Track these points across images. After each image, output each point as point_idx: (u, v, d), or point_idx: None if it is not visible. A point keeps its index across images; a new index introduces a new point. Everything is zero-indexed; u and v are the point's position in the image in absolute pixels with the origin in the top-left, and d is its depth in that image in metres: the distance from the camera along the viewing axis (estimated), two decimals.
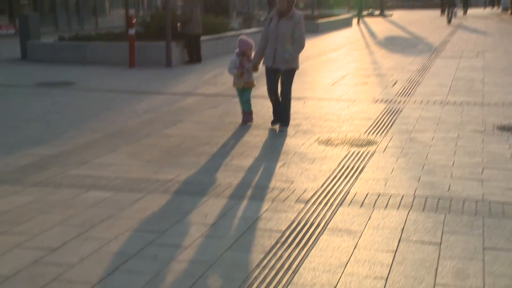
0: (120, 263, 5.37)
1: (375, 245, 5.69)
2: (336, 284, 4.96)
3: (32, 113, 12.04)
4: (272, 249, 5.62)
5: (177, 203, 6.82)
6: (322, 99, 13.18)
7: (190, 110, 12.20)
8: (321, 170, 8.01)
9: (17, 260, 5.46)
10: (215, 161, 8.48)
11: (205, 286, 4.94)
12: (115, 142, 9.60)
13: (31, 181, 7.68)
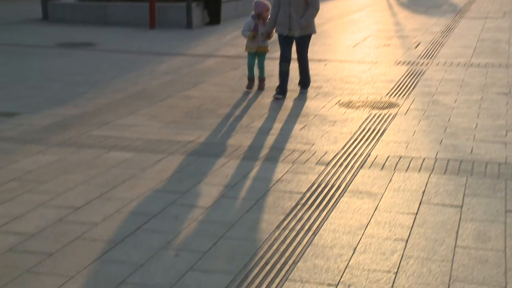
0: (142, 223, 5.43)
1: (395, 208, 5.71)
2: (356, 246, 4.99)
3: (54, 73, 12.08)
4: (292, 211, 5.66)
5: (198, 164, 6.86)
6: (343, 61, 13.10)
7: (210, 71, 12.18)
8: (342, 132, 8.01)
9: (42, 218, 5.55)
10: (236, 122, 8.49)
11: (225, 246, 5.00)
12: (136, 103, 9.63)
13: (54, 141, 7.75)
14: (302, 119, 8.64)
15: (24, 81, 11.28)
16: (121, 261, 4.78)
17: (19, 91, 10.46)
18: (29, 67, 12.71)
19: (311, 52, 13.90)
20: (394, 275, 4.56)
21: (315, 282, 4.46)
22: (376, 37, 16.50)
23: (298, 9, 9.61)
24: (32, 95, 10.21)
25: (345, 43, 15.66)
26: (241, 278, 4.52)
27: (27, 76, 11.81)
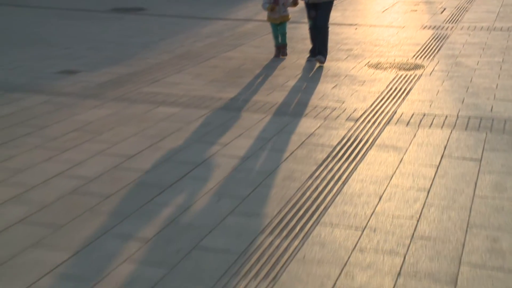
0: (188, 171, 5.50)
1: (419, 160, 5.70)
2: (382, 194, 5.01)
3: (109, 36, 12.13)
4: (323, 162, 5.68)
5: (238, 119, 6.89)
6: (373, 26, 12.94)
7: (250, 34, 12.13)
8: (370, 91, 7.97)
9: (100, 164, 5.66)
10: (273, 81, 8.49)
11: (263, 193, 5.05)
12: (182, 63, 9.66)
13: (110, 96, 7.83)
14: (333, 79, 8.60)
15: (83, 43, 11.35)
16: (170, 204, 4.87)
17: (79, 52, 10.55)
18: (88, 30, 12.77)
19: (343, 17, 13.85)
20: (416, 221, 4.58)
21: (343, 226, 4.51)
22: (404, 3, 16.21)
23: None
24: (90, 55, 10.28)
25: (374, 8, 15.43)
26: (277, 221, 4.57)
27: (86, 38, 11.88)
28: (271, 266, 3.99)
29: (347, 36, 11.66)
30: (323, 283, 3.81)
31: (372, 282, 3.82)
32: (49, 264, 4.03)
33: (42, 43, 11.26)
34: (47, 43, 11.32)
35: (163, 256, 4.12)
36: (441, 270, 3.95)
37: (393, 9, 15.19)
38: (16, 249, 4.22)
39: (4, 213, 4.73)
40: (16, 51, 10.53)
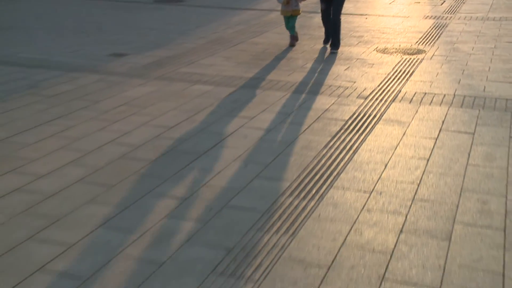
0: (219, 140, 5.50)
1: (420, 133, 5.65)
2: (387, 162, 4.98)
3: (152, 23, 12.12)
4: (337, 134, 5.65)
5: (262, 96, 6.87)
6: (381, 16, 12.79)
7: (273, 23, 12.04)
8: (378, 73, 7.89)
9: (144, 134, 5.68)
10: (293, 64, 8.43)
11: (284, 160, 5.04)
12: (215, 47, 9.62)
13: (152, 75, 7.83)
14: (346, 62, 8.53)
15: (130, 30, 11.36)
16: (203, 168, 4.88)
17: (126, 37, 10.56)
18: (134, 19, 12.78)
19: (355, 8, 13.69)
20: (416, 186, 4.55)
21: (353, 189, 4.49)
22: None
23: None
24: (136, 40, 10.29)
25: (383, 0, 15.23)
26: (296, 185, 4.57)
27: (132, 25, 11.89)
28: (291, 223, 3.99)
29: (358, 24, 11.54)
30: (335, 238, 3.81)
31: (378, 238, 3.81)
32: (102, 217, 4.07)
33: (97, 30, 11.29)
34: (100, 29, 11.34)
35: (198, 213, 4.14)
36: (437, 228, 3.93)
37: (399, 1, 15.01)
38: (75, 204, 4.26)
39: (65, 174, 4.78)
40: (74, 37, 10.56)
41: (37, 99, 6.82)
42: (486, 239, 3.80)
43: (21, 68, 8.22)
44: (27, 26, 11.60)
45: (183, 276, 3.40)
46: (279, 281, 3.36)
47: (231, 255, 3.61)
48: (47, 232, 3.88)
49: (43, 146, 5.39)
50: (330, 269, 3.47)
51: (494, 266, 3.51)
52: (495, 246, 3.73)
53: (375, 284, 3.33)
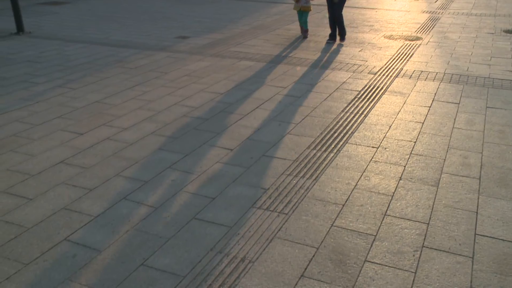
0: (259, 104, 5.41)
1: (417, 102, 5.46)
2: (391, 124, 4.83)
3: (207, 13, 11.94)
4: (351, 101, 5.50)
5: (293, 71, 6.72)
6: (388, 10, 12.33)
7: None
8: (385, 54, 7.62)
9: (201, 98, 5.61)
10: (318, 46, 8.21)
11: (309, 121, 4.94)
12: (257, 32, 9.43)
13: (208, 53, 7.72)
14: (360, 45, 8.26)
15: (191, 18, 11.22)
16: (246, 126, 4.81)
17: (188, 24, 10.42)
18: (192, 9, 12.60)
19: (367, 3, 13.22)
20: (413, 143, 4.41)
21: (364, 145, 4.37)
22: None
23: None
24: (195, 26, 10.15)
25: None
26: (319, 140, 4.47)
27: (192, 15, 11.73)
28: (314, 169, 3.91)
29: (369, 16, 11.15)
30: (349, 183, 3.72)
31: (382, 183, 3.71)
32: (169, 161, 4.05)
33: (166, 18, 11.18)
34: (169, 18, 11.23)
35: (241, 160, 4.09)
36: (428, 176, 3.81)
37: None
38: (149, 150, 4.26)
39: (141, 128, 4.77)
40: (150, 24, 10.49)
41: (122, 70, 6.81)
42: (465, 186, 3.68)
43: (112, 47, 8.21)
44: (116, 16, 11.56)
45: (229, 208, 3.37)
46: (304, 214, 3.30)
47: (267, 193, 3.57)
48: (129, 171, 3.89)
49: (126, 106, 5.39)
50: (344, 206, 3.40)
51: (470, 206, 3.41)
52: (472, 191, 3.61)
53: (379, 219, 3.25)
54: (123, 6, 13.00)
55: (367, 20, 10.69)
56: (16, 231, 3.11)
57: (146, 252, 2.91)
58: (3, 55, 7.65)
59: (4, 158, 4.13)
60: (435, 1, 13.82)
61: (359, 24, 10.12)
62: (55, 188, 3.63)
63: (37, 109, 5.30)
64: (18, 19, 9.20)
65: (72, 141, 4.46)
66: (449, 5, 13.12)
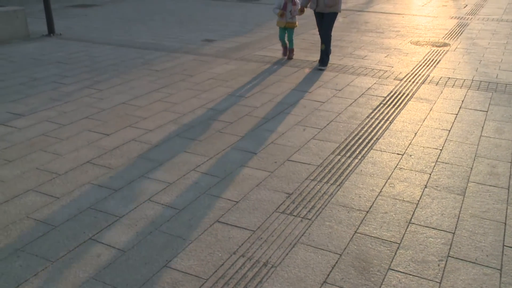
0: (284, 108, 5.41)
1: (443, 109, 5.38)
2: (417, 131, 4.77)
3: (233, 17, 11.99)
4: (377, 107, 5.45)
5: (318, 75, 6.69)
6: (414, 15, 12.20)
7: None
8: (411, 60, 7.54)
9: (226, 101, 5.63)
10: (344, 51, 8.17)
11: (334, 126, 4.91)
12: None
13: (233, 56, 7.75)
14: (386, 50, 8.19)
15: (217, 21, 11.28)
16: (271, 130, 4.81)
17: (215, 27, 10.49)
18: (219, 13, 12.68)
19: (394, 8, 13.10)
20: (439, 151, 4.34)
21: (389, 151, 4.32)
22: (437, 0, 15.18)
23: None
24: (221, 29, 10.21)
25: (416, 3, 14.51)
26: (343, 146, 4.44)
27: (219, 18, 11.80)
28: (338, 175, 3.89)
29: (396, 22, 11.05)
30: (373, 189, 3.69)
31: (407, 191, 3.66)
32: (193, 164, 4.08)
33: (193, 21, 11.27)
34: (195, 21, 11.32)
35: (265, 164, 4.08)
36: (455, 184, 3.74)
37: (429, 4, 14.27)
38: (174, 153, 4.29)
39: (166, 130, 4.81)
40: (176, 27, 10.59)
41: (148, 72, 6.88)
42: (493, 195, 3.61)
43: (138, 50, 8.31)
44: (143, 19, 11.71)
45: (253, 212, 3.37)
46: (327, 220, 3.28)
47: (291, 198, 3.56)
48: (154, 172, 3.93)
49: (151, 108, 5.45)
50: (368, 213, 3.36)
51: (498, 217, 3.33)
52: (500, 201, 3.53)
53: (403, 227, 3.21)
54: (150, 9, 13.15)
55: (393, 25, 10.59)
56: (43, 229, 3.17)
57: (170, 253, 2.92)
58: (35, 56, 7.82)
59: (34, 157, 4.22)
60: (464, 7, 13.61)
61: (385, 30, 10.04)
62: (81, 188, 3.68)
63: (65, 109, 5.40)
64: (49, 22, 9.39)
65: (99, 142, 4.53)
66: (478, 11, 12.90)
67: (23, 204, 3.47)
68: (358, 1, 14.56)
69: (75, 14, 12.17)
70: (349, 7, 13.33)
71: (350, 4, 14.05)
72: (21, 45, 8.68)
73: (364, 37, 9.37)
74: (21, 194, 3.61)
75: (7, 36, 8.99)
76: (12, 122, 5.02)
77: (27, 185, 3.73)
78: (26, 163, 4.11)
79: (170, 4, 14.23)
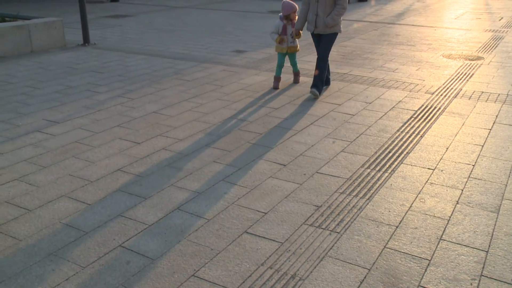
0: (313, 121, 5.39)
1: (476, 124, 5.27)
2: (448, 146, 4.69)
3: (265, 28, 12.05)
4: (408, 121, 5.38)
5: (349, 88, 6.66)
6: (447, 28, 12.04)
7: (359, 31, 11.64)
8: (443, 74, 7.43)
9: (256, 112, 5.63)
10: (374, 63, 8.11)
11: (364, 139, 4.87)
12: (312, 48, 9.39)
13: (264, 68, 7.78)
14: (417, 64, 8.10)
15: (248, 33, 11.36)
16: (300, 142, 4.80)
17: (245, 38, 10.57)
18: (251, 24, 12.77)
19: (426, 21, 12.96)
20: (472, 166, 4.25)
21: (420, 166, 4.26)
22: (471, 13, 14.96)
23: (326, 8, 5.98)
24: (253, 40, 10.28)
25: (449, 15, 14.33)
26: (373, 159, 4.40)
27: (250, 29, 11.88)
28: (368, 189, 3.84)
29: (428, 34, 10.92)
30: (403, 204, 3.63)
31: (438, 206, 3.59)
32: (222, 174, 4.10)
33: (224, 32, 11.39)
34: (226, 32, 11.43)
35: (294, 176, 4.07)
36: (488, 201, 3.65)
37: (463, 17, 14.07)
38: (203, 162, 4.32)
39: (196, 140, 4.86)
40: (208, 37, 10.72)
41: (179, 82, 6.98)
42: None
43: (170, 60, 8.44)
44: (176, 30, 11.89)
45: (281, 224, 3.36)
46: (356, 234, 3.24)
47: (319, 211, 3.53)
48: (183, 182, 3.96)
49: (182, 117, 5.51)
50: (398, 228, 3.31)
51: None
52: None
53: (434, 243, 3.15)
54: (182, 19, 13.36)
55: (425, 38, 10.47)
56: (75, 235, 3.23)
57: (198, 263, 2.94)
58: (71, 65, 8.03)
59: (67, 163, 4.31)
60: (500, 19, 13.35)
61: (416, 42, 9.93)
62: (112, 195, 3.74)
63: (98, 117, 5.51)
64: (85, 31, 9.64)
65: (130, 150, 4.60)
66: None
67: (56, 209, 3.54)
68: (389, 13, 14.48)
69: (110, 24, 12.46)
70: (380, 20, 13.26)
71: (381, 16, 13.98)
72: (58, 54, 8.93)
73: (395, 49, 9.29)
74: (55, 199, 3.69)
75: (46, 45, 9.27)
76: (47, 129, 5.15)
77: (60, 191, 3.82)
78: (59, 169, 4.20)
79: (202, 15, 14.42)
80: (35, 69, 7.78)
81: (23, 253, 3.04)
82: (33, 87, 6.75)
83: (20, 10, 14.76)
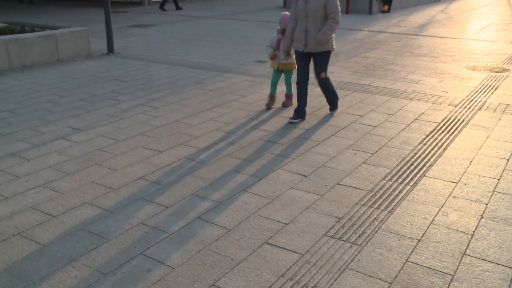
0: (335, 132, 5.37)
1: (501, 137, 5.18)
2: (472, 159, 4.62)
3: None
4: (430, 133, 5.32)
5: (370, 99, 6.62)
6: (471, 39, 11.90)
7: (381, 42, 11.59)
8: (467, 86, 7.33)
9: (278, 123, 5.64)
10: (396, 75, 8.06)
11: (386, 151, 4.83)
12: (335, 58, 9.41)
13: None
14: (440, 75, 8.02)
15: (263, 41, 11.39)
16: (322, 153, 4.78)
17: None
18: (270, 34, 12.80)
19: (450, 32, 12.83)
20: (497, 180, 4.18)
21: (443, 179, 4.20)
22: (496, 24, 14.76)
23: (316, 23, 5.33)
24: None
25: (473, 27, 14.18)
26: (395, 171, 4.36)
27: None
28: (390, 201, 3.81)
29: (452, 46, 10.81)
30: (425, 217, 3.58)
31: (461, 220, 3.54)
32: (244, 184, 4.10)
33: (246, 42, 11.45)
34: (249, 42, 11.49)
35: (315, 187, 4.06)
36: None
37: (488, 28, 13.89)
38: (223, 172, 4.34)
39: (218, 149, 4.88)
40: (230, 47, 10.79)
41: (201, 92, 7.03)
42: None
43: (192, 69, 8.52)
44: (199, 39, 12.01)
45: (302, 235, 3.35)
46: (378, 247, 3.21)
47: (340, 222, 3.51)
48: (204, 191, 3.98)
49: (203, 127, 5.55)
50: (420, 242, 3.27)
51: None
52: None
53: (458, 258, 3.09)
54: (204, 30, 13.49)
55: (448, 50, 10.37)
56: (97, 241, 3.26)
57: (218, 273, 2.94)
58: (95, 74, 8.17)
59: (90, 171, 4.37)
60: None
61: (440, 54, 9.84)
62: (134, 203, 3.78)
63: (121, 125, 5.59)
64: (109, 41, 9.81)
65: (152, 158, 4.64)
66: None
67: (79, 216, 3.59)
68: (412, 24, 14.40)
69: (133, 34, 12.65)
70: (402, 31, 13.18)
71: (403, 27, 13.90)
72: (83, 62, 9.10)
73: (418, 61, 9.22)
74: (77, 206, 3.74)
75: (71, 54, 9.46)
76: (71, 137, 5.24)
77: (83, 198, 3.87)
78: (83, 176, 4.27)
79: (224, 25, 14.55)
80: (61, 77, 7.94)
81: (46, 258, 3.09)
82: (59, 95, 6.89)
83: (48, 20, 15.10)
